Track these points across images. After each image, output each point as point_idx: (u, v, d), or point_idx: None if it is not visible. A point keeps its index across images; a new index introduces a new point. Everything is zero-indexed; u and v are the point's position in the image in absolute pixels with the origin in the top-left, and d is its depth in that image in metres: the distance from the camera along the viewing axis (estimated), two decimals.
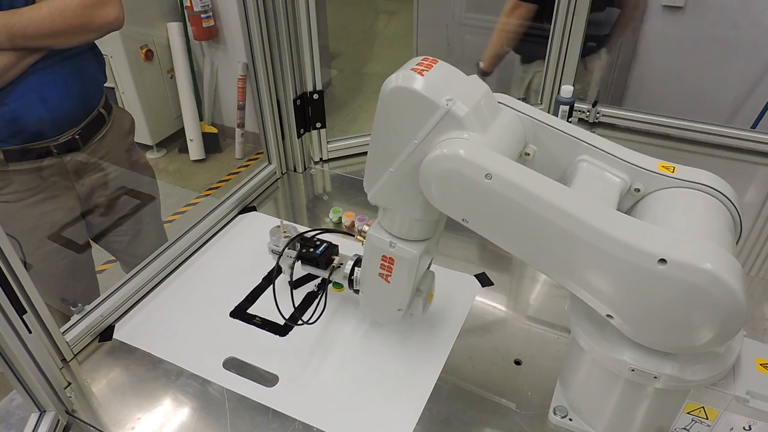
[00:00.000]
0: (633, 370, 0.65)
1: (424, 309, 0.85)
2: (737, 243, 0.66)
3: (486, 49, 1.94)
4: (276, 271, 0.96)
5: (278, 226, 0.97)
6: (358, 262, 0.89)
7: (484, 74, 1.86)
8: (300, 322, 0.90)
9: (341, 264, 0.91)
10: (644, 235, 0.57)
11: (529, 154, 0.72)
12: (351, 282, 0.89)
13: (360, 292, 0.87)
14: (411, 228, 0.74)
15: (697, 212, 0.63)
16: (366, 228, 0.81)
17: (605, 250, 0.57)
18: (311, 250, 0.92)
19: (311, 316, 0.90)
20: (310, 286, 1.02)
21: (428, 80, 0.63)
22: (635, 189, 0.68)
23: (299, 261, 0.92)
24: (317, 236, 0.95)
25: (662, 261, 0.54)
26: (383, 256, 0.77)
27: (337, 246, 0.94)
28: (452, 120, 0.62)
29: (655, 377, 0.64)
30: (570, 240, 0.59)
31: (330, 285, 0.93)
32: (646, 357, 0.64)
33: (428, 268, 0.86)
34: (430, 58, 0.66)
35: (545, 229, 0.60)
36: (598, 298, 0.62)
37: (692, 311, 0.56)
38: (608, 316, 0.62)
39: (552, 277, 0.66)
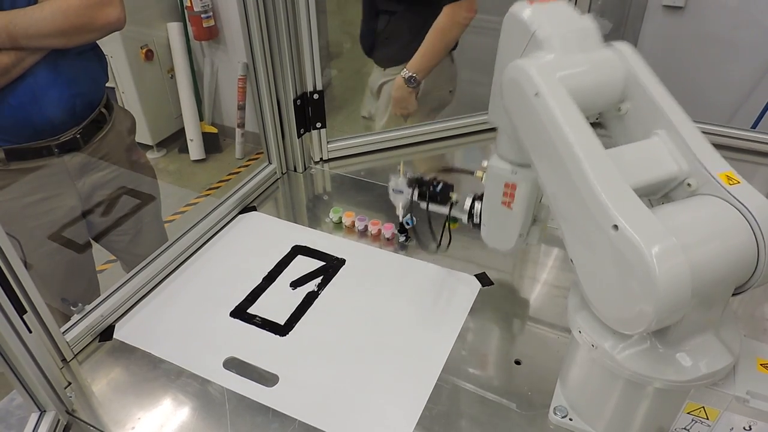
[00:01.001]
0: (580, 332, 0.68)
1: (540, 236, 0.91)
2: (748, 284, 0.62)
3: (421, 57, 1.75)
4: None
5: (398, 169, 1.03)
6: (475, 198, 0.95)
7: (419, 84, 1.75)
8: (435, 246, 1.01)
9: (457, 201, 0.97)
10: (618, 200, 0.58)
11: (620, 110, 0.72)
12: (471, 216, 0.95)
13: (482, 225, 0.93)
14: (525, 151, 0.75)
15: (713, 229, 0.60)
16: (486, 163, 0.86)
17: (583, 197, 0.61)
18: (430, 188, 0.99)
19: (439, 244, 1.01)
20: (311, 286, 1.03)
21: (533, 9, 0.69)
22: (688, 183, 0.66)
23: (419, 199, 1.00)
24: (436, 176, 1.01)
25: (615, 227, 0.57)
26: (506, 183, 0.84)
27: (453, 185, 0.99)
28: (536, 41, 0.68)
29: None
30: (568, 180, 0.62)
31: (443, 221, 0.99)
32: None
33: (540, 201, 0.90)
34: None
35: (559, 163, 0.64)
36: (568, 240, 0.66)
37: (621, 285, 0.58)
38: (571, 260, 0.66)
39: (554, 211, 0.69)
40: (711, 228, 0.60)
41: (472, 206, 0.95)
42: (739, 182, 0.64)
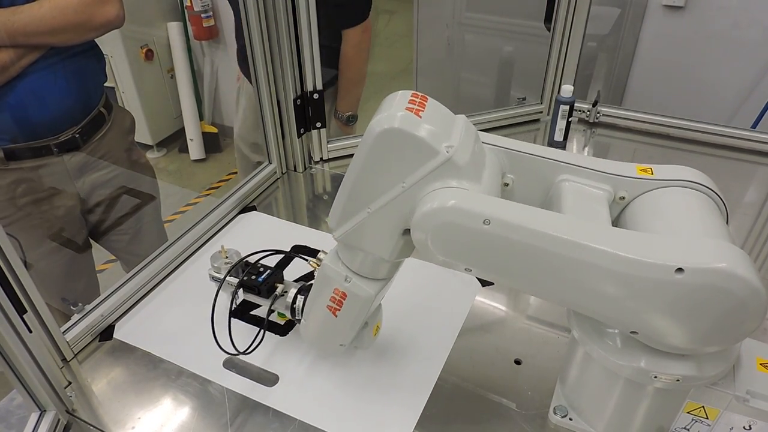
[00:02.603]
0: (656, 377, 0.64)
1: (369, 342, 0.81)
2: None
3: (348, 93, 1.70)
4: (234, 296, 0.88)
5: (220, 252, 0.93)
6: (301, 290, 0.85)
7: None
8: (234, 352, 0.83)
9: (285, 292, 0.86)
10: (655, 248, 0.56)
11: (507, 184, 0.72)
12: (293, 311, 0.84)
13: (302, 320, 0.82)
14: (374, 267, 0.71)
15: (687, 210, 0.64)
16: (322, 255, 0.75)
17: (620, 272, 0.56)
18: (254, 277, 0.86)
19: (249, 347, 0.84)
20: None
21: (426, 123, 0.60)
22: (620, 197, 0.68)
23: (241, 289, 0.87)
24: (260, 261, 0.89)
25: (679, 270, 0.54)
26: (335, 289, 0.73)
27: (282, 273, 0.89)
28: (451, 168, 0.60)
29: (678, 380, 0.64)
30: (582, 268, 0.58)
31: (273, 315, 0.88)
32: (664, 361, 0.64)
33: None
34: (420, 94, 0.63)
35: (554, 262, 0.59)
36: (621, 318, 0.61)
37: (716, 311, 0.56)
38: (633, 332, 0.61)
39: (571, 307, 0.65)
40: (699, 215, 0.62)
41: (294, 300, 0.84)
42: (651, 167, 0.68)
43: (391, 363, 0.89)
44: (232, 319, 0.96)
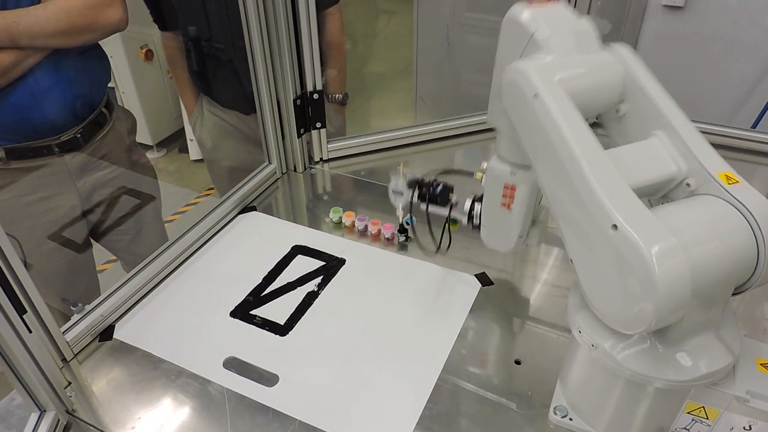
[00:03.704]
0: (580, 331, 0.68)
1: (539, 239, 0.91)
2: (748, 284, 0.62)
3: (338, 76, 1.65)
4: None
5: (398, 170, 1.03)
6: (476, 199, 0.95)
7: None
8: (435, 249, 1.01)
9: (457, 202, 0.98)
10: (618, 199, 0.58)
11: (619, 111, 0.72)
12: (471, 217, 0.96)
13: (482, 226, 0.94)
14: (525, 152, 0.75)
15: (713, 229, 0.60)
16: (485, 164, 0.87)
17: (583, 197, 0.61)
18: (430, 189, 0.99)
19: (439, 246, 1.01)
20: (311, 286, 1.03)
21: (532, 11, 0.69)
22: (687, 183, 0.66)
23: (419, 200, 1.00)
24: (435, 178, 1.01)
25: (614, 227, 0.57)
26: (505, 185, 0.84)
27: (453, 186, 0.99)
28: (534, 43, 0.68)
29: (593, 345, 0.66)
30: (567, 180, 0.63)
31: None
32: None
33: (539, 203, 0.91)
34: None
35: (557, 164, 0.64)
36: (568, 240, 0.66)
37: (619, 285, 0.58)
38: (571, 260, 0.66)
39: (550, 206, 0.70)
40: (711, 228, 0.60)
41: (471, 207, 0.95)
42: (738, 182, 0.64)
43: (391, 363, 0.89)
44: (233, 320, 0.97)
